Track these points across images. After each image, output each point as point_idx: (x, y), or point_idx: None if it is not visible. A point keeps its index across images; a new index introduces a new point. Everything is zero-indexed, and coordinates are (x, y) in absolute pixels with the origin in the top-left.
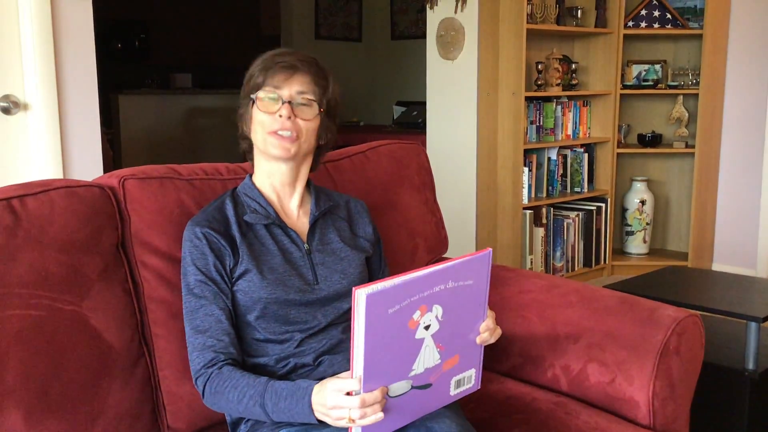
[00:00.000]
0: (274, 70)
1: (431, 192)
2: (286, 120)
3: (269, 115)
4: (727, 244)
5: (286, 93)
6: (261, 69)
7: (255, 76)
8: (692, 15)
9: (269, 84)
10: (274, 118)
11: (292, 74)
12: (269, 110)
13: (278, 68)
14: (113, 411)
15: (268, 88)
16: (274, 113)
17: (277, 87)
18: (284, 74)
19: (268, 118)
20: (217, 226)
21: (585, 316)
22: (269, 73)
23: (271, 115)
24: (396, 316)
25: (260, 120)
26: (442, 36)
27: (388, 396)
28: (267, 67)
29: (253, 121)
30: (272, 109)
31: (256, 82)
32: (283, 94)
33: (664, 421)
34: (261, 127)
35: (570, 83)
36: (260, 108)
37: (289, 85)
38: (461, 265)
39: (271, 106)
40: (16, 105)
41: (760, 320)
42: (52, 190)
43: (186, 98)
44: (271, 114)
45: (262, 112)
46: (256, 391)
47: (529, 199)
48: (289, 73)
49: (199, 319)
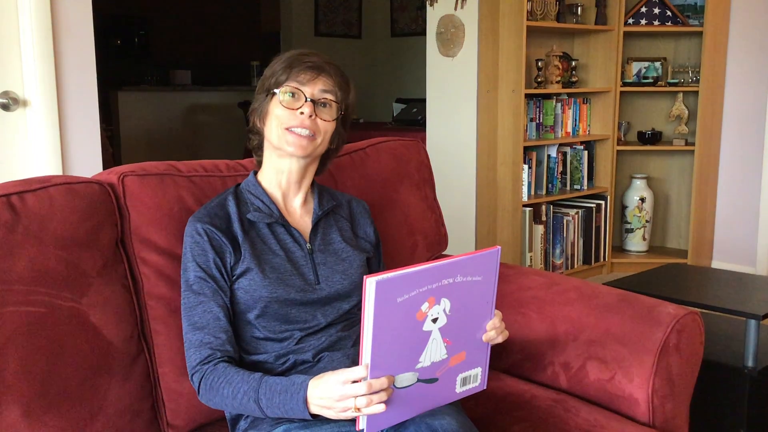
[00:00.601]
0: (300, 68)
1: (431, 189)
2: (306, 118)
3: (290, 111)
4: (727, 241)
5: (309, 91)
6: (286, 66)
7: (278, 72)
8: (692, 12)
9: (293, 80)
10: (294, 115)
11: (318, 74)
12: (291, 106)
13: (304, 67)
14: (112, 407)
15: (292, 84)
16: (295, 110)
17: (301, 84)
18: (310, 73)
19: (288, 114)
20: (219, 223)
21: (584, 313)
22: (294, 70)
23: (292, 111)
24: (404, 305)
25: (278, 115)
26: (441, 33)
27: (394, 386)
28: (292, 64)
29: (270, 116)
30: (294, 105)
31: (279, 77)
32: (307, 91)
33: (664, 418)
34: (278, 122)
35: (570, 80)
36: (282, 103)
37: (314, 84)
38: (470, 260)
39: (294, 102)
40: (16, 101)
41: (760, 318)
42: (51, 186)
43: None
44: (292, 110)
45: (284, 107)
46: (251, 387)
47: (529, 197)
48: (315, 72)
49: (197, 315)
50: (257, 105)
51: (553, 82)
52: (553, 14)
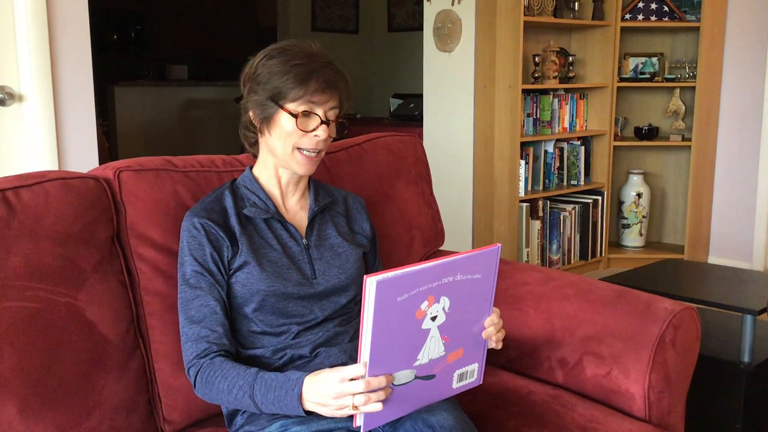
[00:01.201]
0: (315, 88)
1: (428, 184)
2: (320, 141)
3: (305, 133)
4: (723, 237)
5: (322, 111)
6: (299, 81)
7: (289, 86)
8: (689, 7)
9: (307, 100)
10: (308, 137)
11: (332, 94)
12: (306, 128)
13: (319, 86)
14: (109, 403)
15: (306, 104)
16: (309, 132)
17: (315, 105)
18: (325, 94)
19: (302, 136)
20: (216, 218)
21: (581, 308)
22: (309, 88)
23: (306, 132)
24: (404, 304)
25: (290, 132)
26: (439, 28)
27: (392, 385)
28: (306, 81)
29: (278, 129)
30: (309, 127)
31: (290, 92)
32: (320, 112)
33: (660, 413)
34: (290, 140)
35: (567, 76)
36: (298, 125)
37: (326, 104)
38: (470, 258)
39: (308, 124)
40: (11, 96)
41: (756, 313)
42: (46, 181)
43: (182, 90)
44: (306, 132)
45: (298, 129)
46: (246, 382)
47: (526, 192)
48: (329, 93)
49: (194, 309)
50: (257, 108)
51: (550, 78)
52: (550, 9)
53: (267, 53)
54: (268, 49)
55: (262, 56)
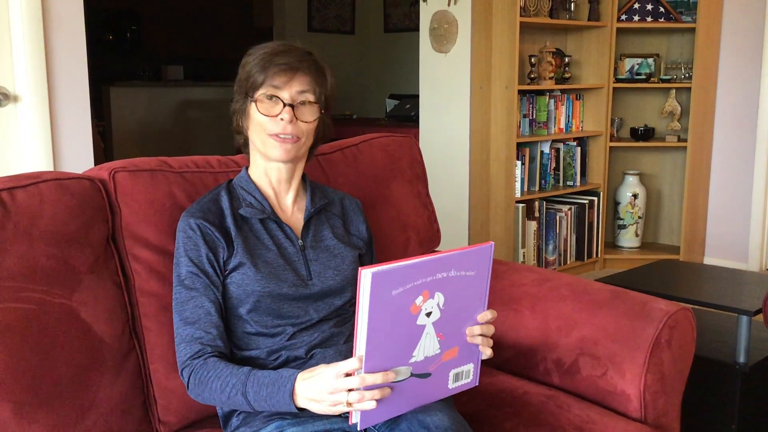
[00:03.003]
0: (274, 71)
1: (424, 185)
2: (287, 124)
3: (270, 118)
4: (719, 237)
5: (286, 95)
6: (260, 68)
7: (253, 75)
8: (685, 8)
9: (269, 84)
10: (275, 121)
11: (293, 75)
12: (270, 113)
13: (278, 69)
14: (104, 404)
15: (268, 88)
16: (275, 116)
17: (278, 88)
18: (285, 76)
19: (269, 121)
20: (212, 218)
21: (577, 309)
22: (269, 73)
23: (273, 117)
24: (399, 298)
25: (260, 121)
26: (435, 29)
27: None
28: (266, 66)
29: (252, 121)
30: (273, 111)
31: (255, 81)
32: (284, 96)
33: (656, 414)
34: (261, 128)
35: (563, 77)
36: (260, 110)
37: (290, 86)
38: (464, 254)
39: (272, 108)
40: (6, 97)
41: (751, 314)
42: (41, 182)
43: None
44: (273, 117)
45: (262, 114)
46: (239, 380)
47: (522, 193)
48: (289, 74)
49: (189, 310)
50: (238, 106)
51: (546, 78)
52: (546, 10)
53: (247, 53)
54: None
55: (244, 58)
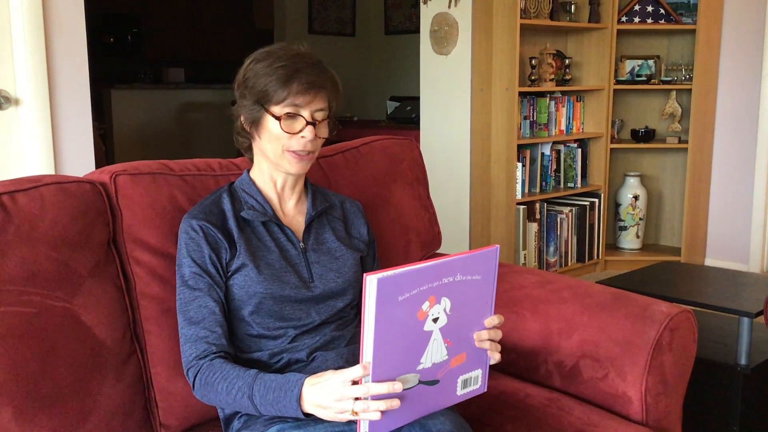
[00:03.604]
0: (297, 89)
1: (424, 187)
2: (308, 142)
3: (290, 134)
4: (720, 239)
5: (307, 113)
6: (281, 83)
7: (273, 88)
8: (685, 10)
9: (291, 102)
10: (296, 138)
11: (316, 95)
12: (291, 130)
13: (302, 88)
14: (105, 408)
15: (290, 106)
16: (296, 133)
17: (299, 107)
18: (308, 95)
19: (289, 137)
20: (214, 220)
21: (578, 312)
22: (292, 89)
23: (293, 134)
24: (405, 304)
25: (278, 135)
26: (435, 31)
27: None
28: (288, 82)
29: (268, 133)
30: (294, 128)
31: (274, 94)
32: (305, 114)
33: (657, 416)
34: (278, 143)
35: (563, 78)
36: (283, 127)
37: (311, 105)
38: (470, 258)
39: (293, 125)
40: (7, 100)
41: (753, 315)
42: (42, 186)
43: (178, 93)
44: (293, 134)
45: (284, 131)
46: (245, 383)
47: (523, 195)
48: (313, 93)
49: (193, 310)
50: (247, 112)
51: (547, 80)
52: (546, 12)
53: (254, 57)
54: (256, 52)
55: (250, 60)
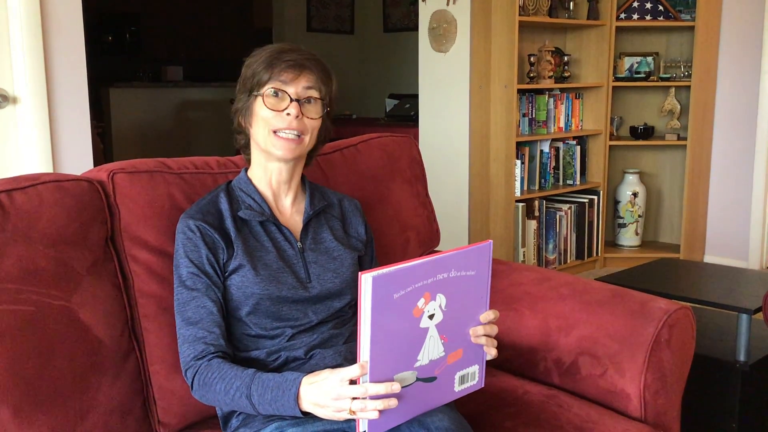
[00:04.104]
0: (282, 67)
1: (423, 185)
2: (293, 119)
3: (276, 113)
4: (719, 236)
5: (292, 90)
6: (266, 65)
7: (259, 72)
8: (684, 7)
9: (276, 80)
10: (281, 116)
11: (300, 72)
12: (276, 107)
13: (285, 65)
14: (103, 406)
15: (275, 83)
16: (281, 111)
17: (284, 83)
18: (292, 72)
19: (274, 116)
20: (212, 220)
21: (577, 309)
22: (275, 69)
23: (278, 112)
24: (401, 301)
25: (264, 117)
26: (434, 28)
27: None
28: (273, 63)
29: (256, 117)
30: (280, 106)
31: (260, 78)
32: (290, 91)
33: (656, 413)
34: (265, 124)
35: (562, 75)
36: (267, 105)
37: (296, 82)
38: (463, 254)
39: (279, 103)
40: (5, 98)
41: (751, 312)
42: (40, 184)
43: (177, 91)
44: (278, 111)
45: (268, 109)
46: (243, 383)
47: (522, 192)
48: (297, 71)
49: (191, 310)
50: (240, 105)
51: (546, 78)
52: (545, 9)
53: (250, 56)
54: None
55: (247, 60)
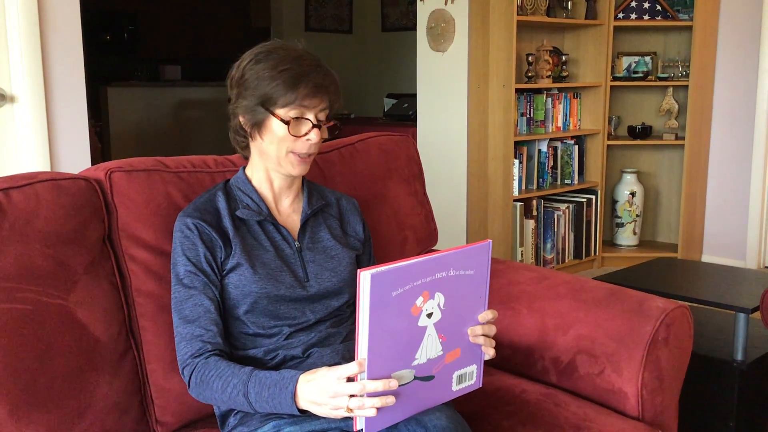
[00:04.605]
0: (305, 92)
1: (421, 184)
2: (313, 144)
3: (296, 137)
4: (717, 235)
5: (313, 115)
6: (288, 86)
7: (279, 91)
8: (682, 6)
9: (299, 104)
10: (302, 141)
11: (323, 96)
12: (298, 133)
13: (308, 91)
14: (101, 405)
15: (297, 109)
16: (302, 136)
17: (306, 108)
18: (315, 98)
19: (293, 139)
20: (209, 218)
21: (574, 307)
22: (300, 92)
23: (299, 137)
24: (399, 299)
25: (283, 138)
26: (432, 28)
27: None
28: (295, 86)
29: (272, 135)
30: (301, 131)
31: (280, 97)
32: (311, 116)
33: (653, 412)
34: (283, 145)
35: (560, 75)
36: (291, 132)
37: (317, 107)
38: (462, 253)
39: (300, 128)
40: (3, 97)
41: (749, 311)
42: (37, 182)
43: (175, 90)
44: (299, 136)
45: (291, 135)
46: (240, 380)
47: (520, 191)
48: (319, 97)
49: (188, 309)
50: (247, 113)
51: (544, 77)
52: (543, 9)
53: (254, 56)
54: (254, 51)
55: (249, 59)
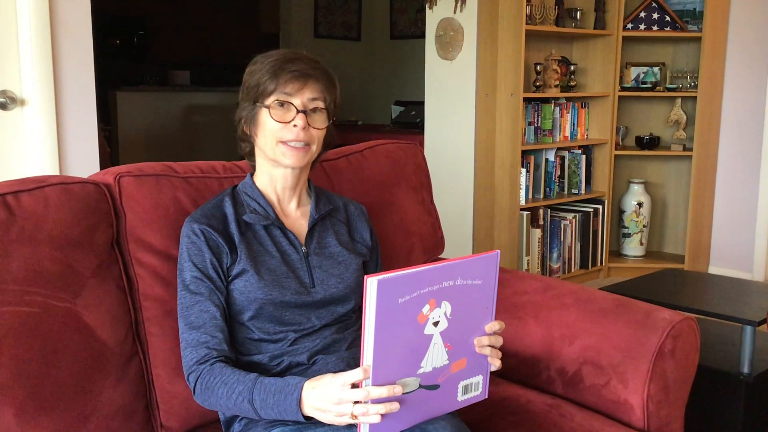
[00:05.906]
0: (286, 78)
1: (428, 192)
2: (300, 130)
3: (283, 125)
4: (724, 247)
5: (298, 101)
6: (271, 75)
7: (264, 82)
8: (691, 17)
9: (280, 91)
10: (288, 128)
11: (305, 83)
12: (283, 119)
13: (290, 76)
14: (106, 409)
15: (279, 95)
16: (288, 123)
17: (290, 95)
18: (297, 83)
19: (282, 128)
20: (216, 224)
21: (580, 318)
22: (280, 80)
23: (285, 124)
24: (406, 306)
25: (271, 128)
26: (440, 36)
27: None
28: (277, 73)
29: (262, 127)
30: (286, 118)
31: (266, 88)
32: (296, 102)
33: (659, 424)
34: (271, 135)
35: (568, 85)
36: (273, 117)
37: (302, 93)
38: (470, 263)
39: (285, 114)
40: (13, 101)
41: (756, 324)
42: (47, 186)
43: (184, 95)
44: (285, 123)
45: (275, 121)
46: (245, 387)
47: (527, 200)
48: (302, 82)
49: (194, 315)
50: (245, 114)
51: (552, 86)
52: (552, 18)
53: (252, 61)
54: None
55: (249, 65)
